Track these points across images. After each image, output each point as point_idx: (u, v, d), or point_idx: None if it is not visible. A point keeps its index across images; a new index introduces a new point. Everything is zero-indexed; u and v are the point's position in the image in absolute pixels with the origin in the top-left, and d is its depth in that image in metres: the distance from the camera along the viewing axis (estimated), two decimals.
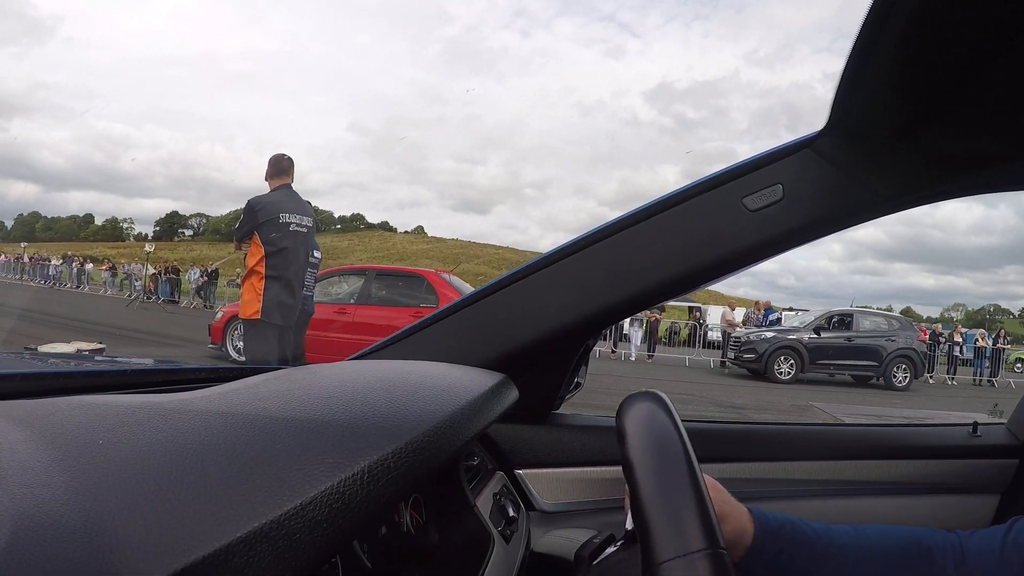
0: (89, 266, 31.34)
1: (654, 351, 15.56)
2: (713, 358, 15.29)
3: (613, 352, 15.48)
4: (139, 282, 24.98)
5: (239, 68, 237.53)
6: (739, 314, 16.27)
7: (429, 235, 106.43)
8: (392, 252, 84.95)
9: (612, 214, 0.93)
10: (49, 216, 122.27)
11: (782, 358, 12.30)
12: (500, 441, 1.02)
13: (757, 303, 16.30)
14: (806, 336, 12.46)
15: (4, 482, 0.34)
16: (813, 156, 0.81)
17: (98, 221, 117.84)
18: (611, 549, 0.69)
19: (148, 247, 26.38)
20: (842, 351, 12.50)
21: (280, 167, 4.29)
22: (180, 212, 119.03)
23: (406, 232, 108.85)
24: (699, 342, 16.53)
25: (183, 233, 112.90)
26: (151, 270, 23.31)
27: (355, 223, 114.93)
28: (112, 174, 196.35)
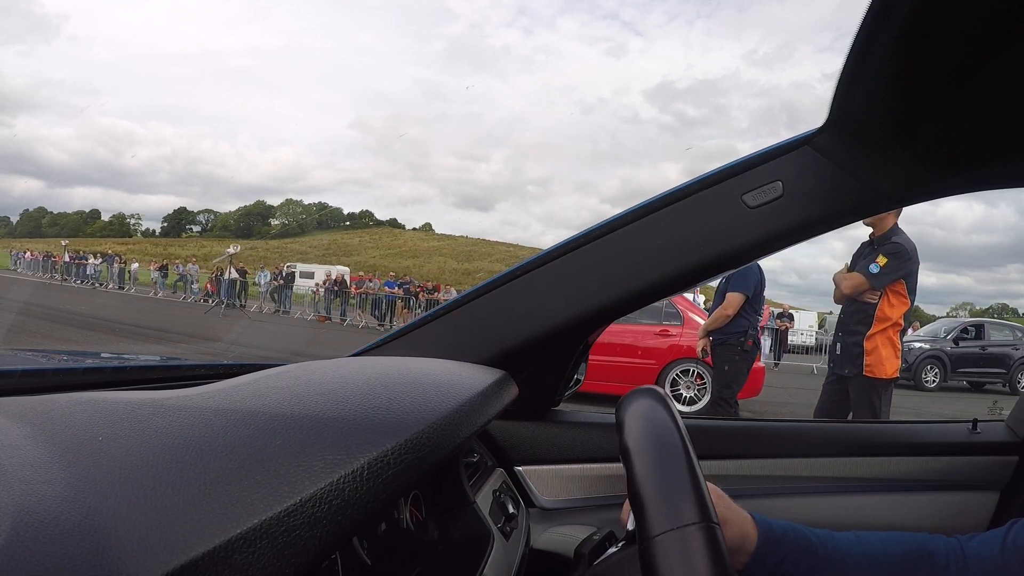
0: (135, 265, 28.04)
1: (780, 359, 15.33)
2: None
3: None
4: (195, 284, 22.58)
5: (241, 65, 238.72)
6: None
7: (437, 232, 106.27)
8: (404, 249, 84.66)
9: (614, 211, 0.92)
10: (55, 212, 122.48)
11: (928, 367, 12.65)
12: (500, 438, 1.02)
13: None
14: (948, 346, 12.78)
15: (4, 478, 0.34)
16: (813, 153, 0.81)
17: (104, 217, 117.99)
18: (612, 549, 0.69)
19: (232, 248, 22.24)
20: (978, 359, 12.89)
21: None
22: (188, 208, 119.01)
23: (414, 229, 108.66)
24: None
25: (191, 229, 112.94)
26: (234, 274, 20.24)
27: (364, 219, 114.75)
28: (116, 170, 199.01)
